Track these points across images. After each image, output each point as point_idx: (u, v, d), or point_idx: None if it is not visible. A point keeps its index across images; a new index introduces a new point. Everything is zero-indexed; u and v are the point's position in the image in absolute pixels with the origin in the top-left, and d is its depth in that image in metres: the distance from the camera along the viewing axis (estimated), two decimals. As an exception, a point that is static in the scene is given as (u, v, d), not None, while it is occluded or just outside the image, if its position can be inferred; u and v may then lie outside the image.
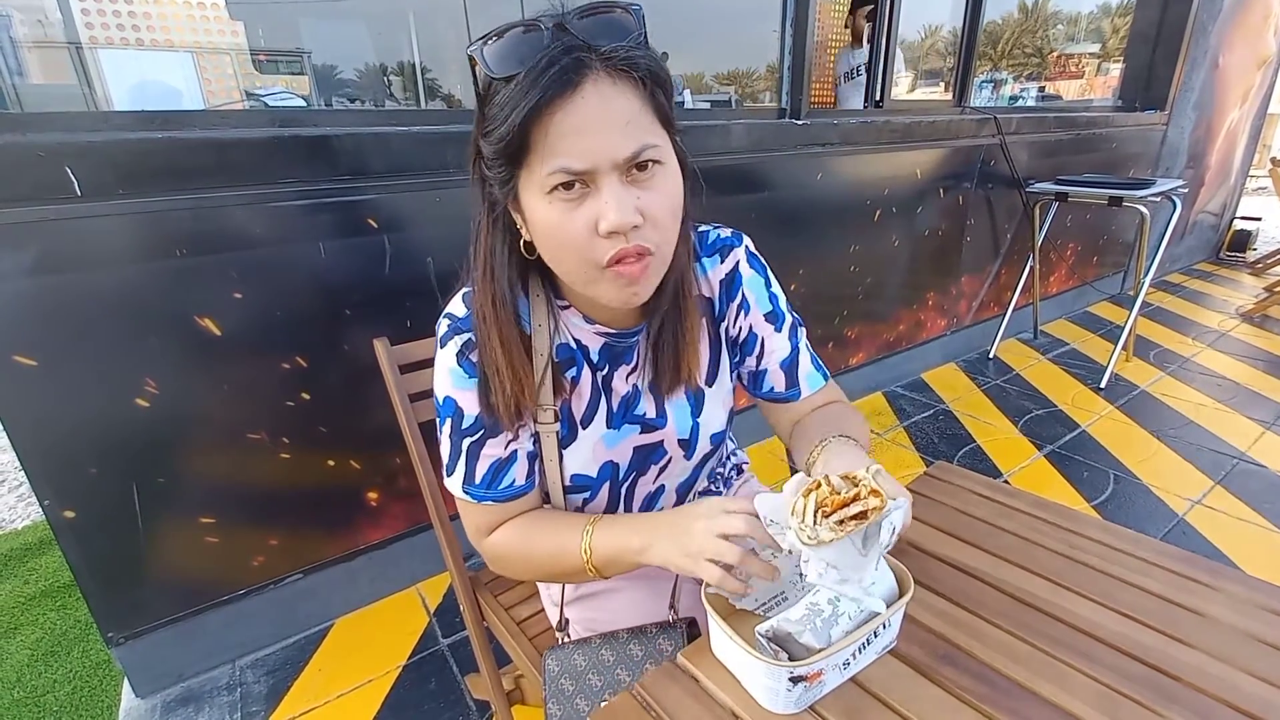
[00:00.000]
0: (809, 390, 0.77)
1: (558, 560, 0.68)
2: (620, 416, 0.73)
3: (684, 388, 0.74)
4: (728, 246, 0.75)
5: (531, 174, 0.55)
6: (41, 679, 1.47)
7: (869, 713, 0.55)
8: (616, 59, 0.52)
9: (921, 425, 2.45)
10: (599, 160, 0.52)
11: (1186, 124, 3.81)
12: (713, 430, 0.78)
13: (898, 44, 2.30)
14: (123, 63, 1.75)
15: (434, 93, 3.46)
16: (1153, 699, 0.55)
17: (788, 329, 0.77)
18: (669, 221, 0.58)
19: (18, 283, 1.08)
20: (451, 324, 0.66)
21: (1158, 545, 0.75)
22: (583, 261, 0.57)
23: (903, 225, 2.51)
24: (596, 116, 0.52)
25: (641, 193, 0.55)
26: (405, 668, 1.44)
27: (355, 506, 1.54)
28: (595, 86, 0.52)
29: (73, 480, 1.20)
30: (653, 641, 0.74)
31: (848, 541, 0.51)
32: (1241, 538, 1.77)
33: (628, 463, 0.75)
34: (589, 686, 0.74)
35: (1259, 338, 3.23)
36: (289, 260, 1.31)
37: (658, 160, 0.56)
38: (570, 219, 0.55)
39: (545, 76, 0.50)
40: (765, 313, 0.76)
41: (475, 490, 0.69)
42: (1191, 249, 4.63)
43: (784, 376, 0.77)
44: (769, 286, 0.77)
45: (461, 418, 0.67)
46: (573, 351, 0.70)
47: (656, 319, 0.68)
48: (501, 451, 0.68)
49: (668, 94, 0.58)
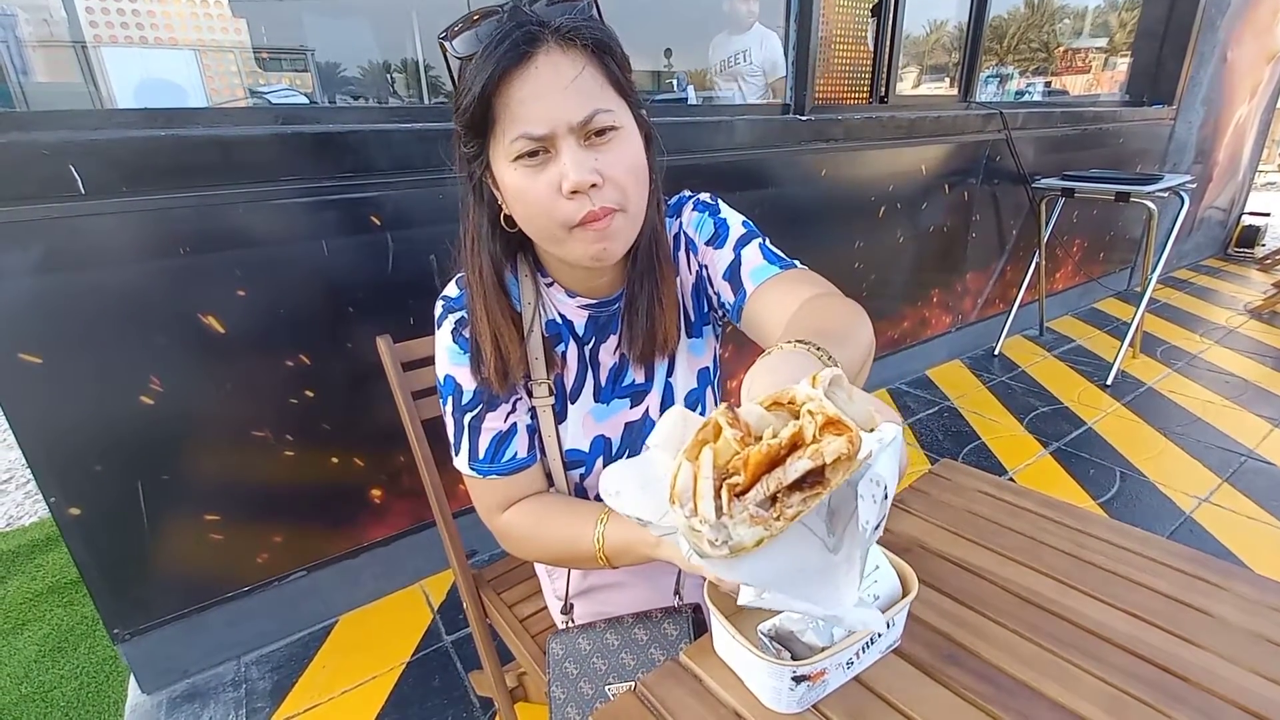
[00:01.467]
0: (753, 284, 0.67)
1: (570, 546, 0.69)
2: (609, 390, 0.75)
3: (660, 354, 0.73)
4: (679, 205, 0.76)
5: (498, 144, 0.58)
6: (49, 675, 1.48)
7: (873, 713, 0.54)
8: (564, 29, 0.56)
9: (926, 422, 2.44)
10: (555, 123, 0.56)
11: (1195, 119, 3.78)
12: (687, 388, 0.77)
13: (902, 39, 2.29)
14: (126, 61, 1.75)
15: (437, 89, 3.45)
16: (1161, 700, 0.54)
17: (732, 242, 0.70)
18: (629, 182, 0.60)
19: (22, 281, 1.08)
20: (446, 304, 0.70)
21: (1166, 544, 0.74)
22: (551, 222, 0.60)
23: (908, 221, 2.50)
24: (549, 83, 0.55)
25: (599, 154, 0.58)
26: (409, 665, 1.45)
27: (359, 504, 1.54)
28: (547, 56, 0.55)
29: (78, 477, 1.20)
30: (658, 626, 0.74)
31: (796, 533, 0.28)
32: (1249, 536, 1.75)
33: (619, 439, 0.76)
34: (593, 669, 0.74)
35: (1267, 334, 3.20)
36: (292, 258, 1.31)
37: (613, 125, 0.58)
38: (535, 183, 0.58)
39: (500, 49, 0.54)
40: (707, 239, 0.72)
41: (480, 465, 0.71)
42: (1199, 245, 4.60)
43: (728, 286, 0.70)
44: (714, 215, 0.73)
45: (461, 394, 0.70)
46: (559, 327, 0.73)
47: (634, 285, 0.70)
48: (502, 424, 0.71)
49: (619, 62, 0.61)
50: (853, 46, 2.21)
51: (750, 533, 0.26)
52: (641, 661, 0.73)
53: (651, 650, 0.73)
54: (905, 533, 0.79)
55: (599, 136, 0.58)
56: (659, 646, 0.73)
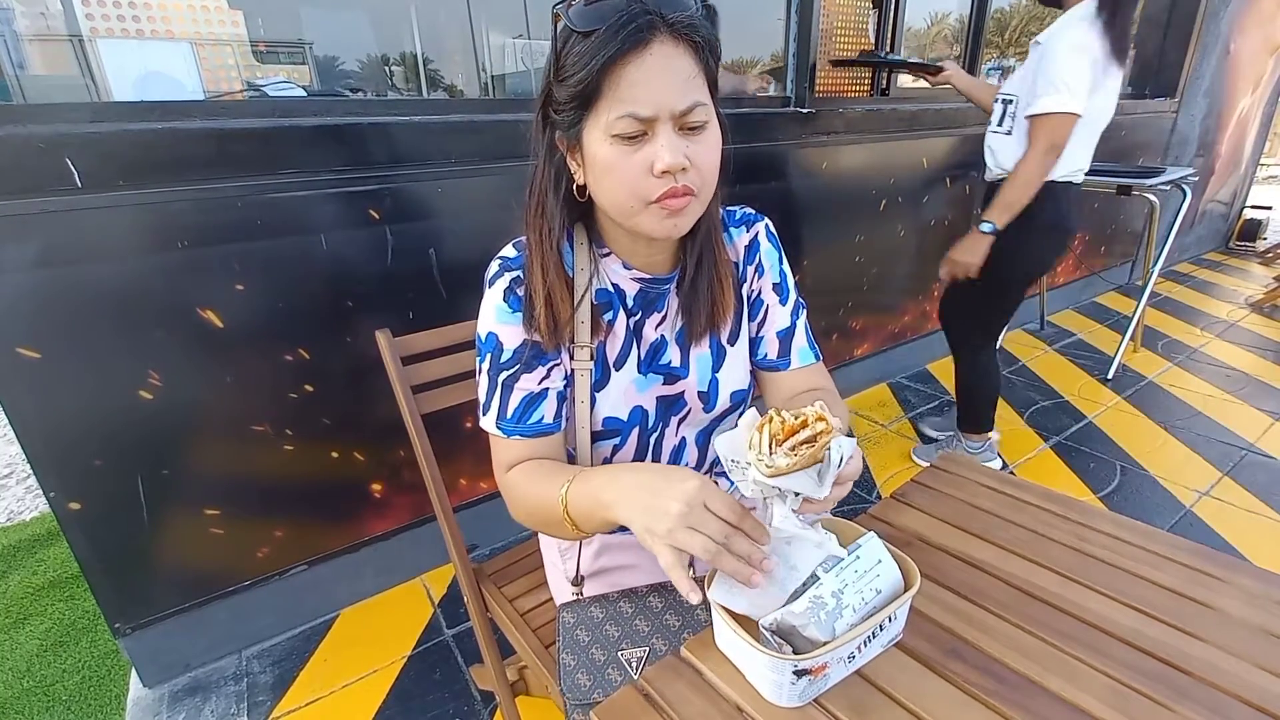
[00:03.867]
0: (799, 363, 0.81)
1: (543, 507, 0.68)
2: (647, 364, 0.77)
3: (710, 337, 0.78)
4: (752, 220, 0.83)
5: (598, 117, 0.62)
6: (51, 669, 1.49)
7: (874, 707, 0.54)
8: (680, 25, 0.60)
9: (927, 416, 2.44)
10: (660, 109, 0.60)
11: (1197, 111, 3.76)
12: (734, 388, 0.80)
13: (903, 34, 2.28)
14: (123, 53, 1.74)
15: (436, 83, 3.43)
16: (1164, 694, 0.54)
17: (791, 304, 0.82)
18: (710, 171, 0.66)
19: (20, 275, 1.08)
20: (503, 263, 0.72)
21: (1169, 538, 0.74)
22: (633, 195, 0.64)
23: (909, 215, 2.49)
24: (661, 71, 0.60)
25: (690, 143, 0.63)
26: (410, 658, 1.45)
27: (359, 498, 1.54)
28: (661, 46, 0.59)
29: (78, 472, 1.20)
30: (673, 593, 0.74)
31: (803, 474, 0.54)
32: (1250, 529, 1.75)
33: (654, 411, 0.78)
34: (605, 637, 0.73)
35: (1268, 328, 3.20)
36: (291, 252, 1.31)
37: (705, 118, 0.63)
38: (629, 159, 0.62)
39: (623, 32, 0.58)
40: (774, 283, 0.82)
41: (506, 425, 0.72)
42: (1201, 238, 4.59)
43: (778, 345, 0.82)
44: (781, 262, 0.83)
45: (501, 352, 0.72)
46: (610, 295, 0.75)
47: (691, 264, 0.74)
48: (534, 386, 0.72)
49: (717, 63, 0.66)
50: (854, 39, 2.20)
51: (784, 461, 0.52)
52: (656, 627, 0.73)
53: (666, 616, 0.73)
54: (907, 527, 0.79)
55: (692, 129, 0.62)
56: (674, 612, 0.73)
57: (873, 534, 0.61)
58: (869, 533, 0.61)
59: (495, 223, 1.50)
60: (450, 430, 1.59)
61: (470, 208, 1.47)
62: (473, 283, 0.72)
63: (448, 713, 1.31)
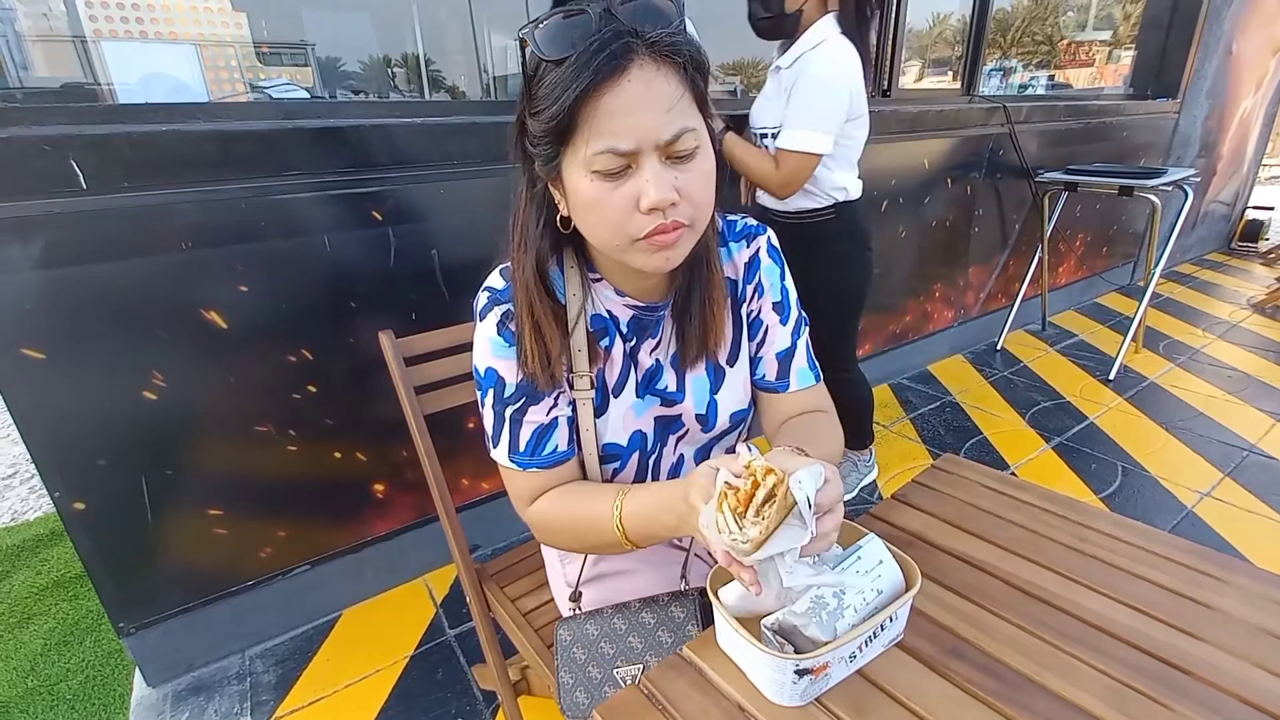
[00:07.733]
0: (797, 385, 0.78)
1: (592, 528, 0.68)
2: (643, 387, 0.75)
3: (706, 361, 0.76)
4: (753, 234, 0.78)
5: (576, 151, 0.57)
6: (55, 668, 1.49)
7: (875, 706, 0.55)
8: (661, 44, 0.55)
9: (928, 417, 2.44)
10: (643, 140, 0.55)
11: (1199, 112, 3.75)
12: (733, 409, 0.78)
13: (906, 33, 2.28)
14: (126, 55, 1.75)
15: (438, 85, 3.44)
16: (1163, 693, 0.55)
17: (792, 324, 0.79)
18: (703, 200, 0.61)
19: (25, 276, 1.09)
20: (491, 296, 0.69)
21: (1168, 538, 0.74)
22: (618, 234, 0.59)
23: (910, 216, 2.49)
24: (642, 99, 0.54)
25: (679, 172, 0.58)
26: (413, 658, 1.45)
27: (362, 498, 1.54)
28: (641, 71, 0.54)
29: (82, 472, 1.21)
30: (665, 609, 0.75)
31: (784, 529, 0.50)
32: (1251, 530, 1.75)
33: (653, 433, 0.77)
34: (601, 654, 0.75)
35: (1270, 329, 3.20)
36: (294, 253, 1.31)
37: (695, 144, 0.58)
38: (612, 195, 0.57)
39: (596, 60, 0.52)
40: (774, 302, 0.78)
41: (520, 458, 0.71)
42: (1203, 239, 4.58)
43: (777, 366, 0.78)
44: (783, 279, 0.79)
45: (504, 387, 0.69)
46: (605, 321, 0.72)
47: (683, 291, 0.71)
48: (544, 418, 0.70)
49: (705, 79, 0.60)
50: (855, 40, 2.20)
51: (755, 530, 0.49)
52: (649, 644, 0.73)
53: (659, 633, 0.74)
54: (908, 527, 0.79)
55: (680, 157, 0.57)
56: (666, 629, 0.74)
57: (874, 535, 0.61)
58: (870, 534, 0.61)
59: (497, 224, 1.49)
60: (452, 430, 1.60)
61: (472, 209, 1.48)
62: (475, 284, 0.71)
63: (450, 712, 1.31)
